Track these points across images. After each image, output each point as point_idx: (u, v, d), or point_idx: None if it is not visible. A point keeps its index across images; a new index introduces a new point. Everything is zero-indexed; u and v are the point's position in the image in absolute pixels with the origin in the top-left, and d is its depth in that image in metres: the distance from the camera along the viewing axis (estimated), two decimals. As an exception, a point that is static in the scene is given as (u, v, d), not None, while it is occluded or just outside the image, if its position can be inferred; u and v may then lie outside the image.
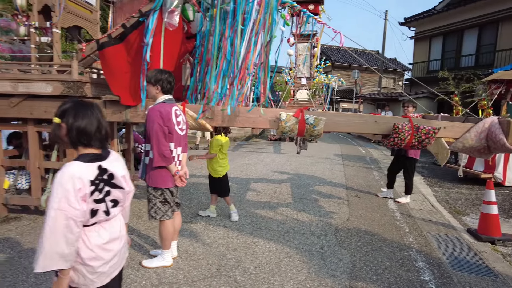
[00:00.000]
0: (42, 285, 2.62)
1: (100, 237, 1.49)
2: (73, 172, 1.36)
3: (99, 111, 1.49)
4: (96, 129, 1.45)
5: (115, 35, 3.47)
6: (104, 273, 1.52)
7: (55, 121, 1.43)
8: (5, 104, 3.67)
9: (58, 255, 1.32)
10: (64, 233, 1.32)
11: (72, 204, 1.33)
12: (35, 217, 4.03)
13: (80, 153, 1.46)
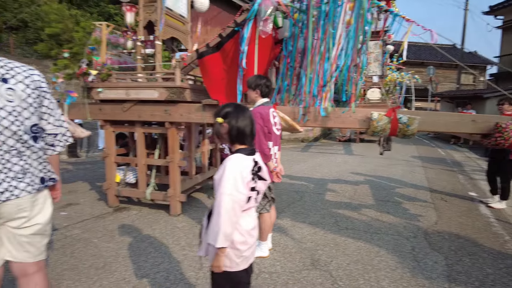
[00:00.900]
0: (161, 265, 3.00)
1: (248, 223, 1.71)
2: (240, 162, 1.61)
3: (251, 114, 1.73)
4: (250, 130, 1.69)
5: (212, 45, 3.82)
6: (247, 258, 1.73)
7: (219, 121, 1.68)
8: (119, 108, 4.23)
9: (224, 234, 1.54)
10: (230, 215, 1.55)
11: (240, 189, 1.56)
12: (141, 208, 4.57)
13: (237, 148, 1.70)
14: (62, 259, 3.10)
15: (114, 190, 4.51)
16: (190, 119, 4.01)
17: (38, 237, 1.77)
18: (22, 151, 1.63)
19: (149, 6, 4.47)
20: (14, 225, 1.67)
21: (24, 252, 1.73)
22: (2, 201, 1.56)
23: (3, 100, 1.55)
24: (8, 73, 1.59)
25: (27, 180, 1.64)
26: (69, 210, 4.45)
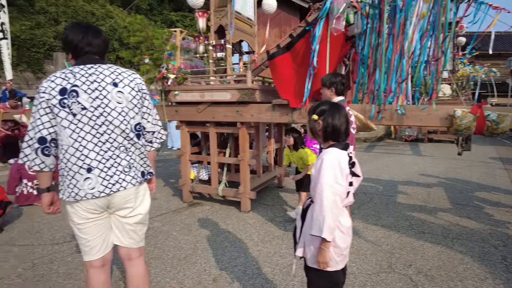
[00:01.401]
0: (237, 259, 3.13)
1: (346, 220, 1.73)
2: (338, 154, 1.64)
3: (346, 113, 1.75)
4: (345, 128, 1.71)
5: (283, 45, 3.88)
6: (345, 257, 1.73)
7: (314, 118, 1.73)
8: (194, 110, 4.48)
9: (328, 226, 1.57)
10: (332, 207, 1.57)
11: (339, 180, 1.59)
12: (212, 203, 4.79)
13: (328, 145, 1.73)
14: (147, 249, 3.38)
15: (188, 187, 4.79)
16: (260, 119, 4.11)
17: (140, 226, 1.96)
18: (128, 147, 1.82)
19: (219, 11, 4.68)
20: (122, 214, 1.87)
21: (129, 239, 1.94)
22: (113, 192, 1.75)
23: (114, 102, 1.74)
24: (117, 78, 1.79)
25: (132, 173, 1.82)
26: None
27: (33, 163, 1.70)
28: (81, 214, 1.76)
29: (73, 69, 1.73)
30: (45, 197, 1.81)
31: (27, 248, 3.42)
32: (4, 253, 3.29)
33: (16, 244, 3.52)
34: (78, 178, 1.69)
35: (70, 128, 1.66)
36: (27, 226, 4.02)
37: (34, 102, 1.71)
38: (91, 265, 1.86)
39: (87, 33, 1.78)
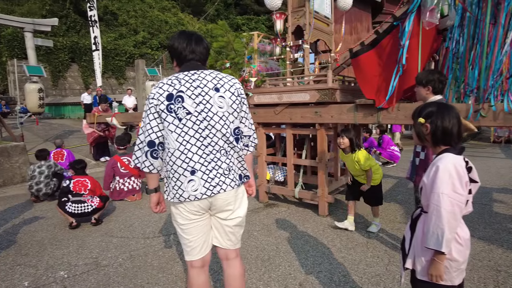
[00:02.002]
0: (321, 265, 3.05)
1: (466, 231, 1.57)
2: (455, 160, 1.50)
3: (458, 113, 1.58)
4: (458, 130, 1.55)
5: (367, 42, 3.70)
6: (462, 271, 1.57)
7: (420, 121, 1.61)
8: (271, 112, 4.50)
9: (446, 239, 1.44)
10: (449, 219, 1.44)
11: (458, 189, 1.45)
12: (288, 205, 4.77)
13: (440, 150, 1.59)
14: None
15: (264, 187, 4.83)
16: (341, 120, 3.97)
17: (238, 228, 1.99)
18: (228, 150, 1.85)
19: (297, 11, 4.63)
20: (222, 217, 1.91)
21: (228, 240, 1.97)
22: (214, 194, 1.79)
23: (216, 107, 1.78)
24: (218, 83, 1.83)
25: (231, 176, 1.85)
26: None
27: (143, 165, 1.80)
28: (185, 215, 1.83)
29: (178, 75, 1.81)
30: (153, 197, 1.92)
31: (123, 240, 3.74)
32: (106, 243, 3.64)
33: (113, 235, 3.87)
34: (183, 180, 1.76)
35: (176, 132, 1.74)
36: (121, 220, 4.40)
37: (144, 108, 1.82)
38: (192, 265, 1.93)
39: (190, 40, 1.85)
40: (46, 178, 5.28)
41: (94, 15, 12.90)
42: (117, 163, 5.23)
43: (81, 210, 4.04)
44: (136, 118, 7.40)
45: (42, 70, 9.38)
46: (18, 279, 2.92)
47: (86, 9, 25.73)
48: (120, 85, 22.46)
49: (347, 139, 3.73)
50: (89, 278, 2.90)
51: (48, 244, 3.67)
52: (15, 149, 6.93)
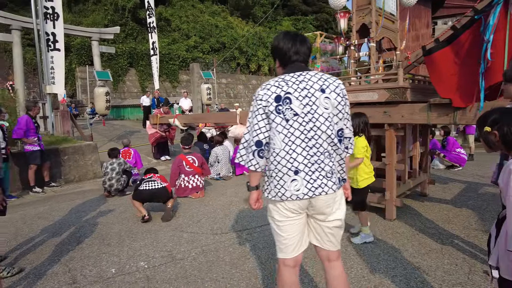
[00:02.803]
0: (395, 269, 2.95)
1: None
2: None
3: None
4: None
5: (443, 39, 3.51)
6: None
7: (487, 130, 1.62)
8: (335, 112, 4.44)
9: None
10: None
11: None
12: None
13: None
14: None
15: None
16: (413, 120, 3.81)
17: (337, 230, 1.97)
18: (331, 153, 1.85)
19: (362, 9, 4.54)
20: (321, 218, 1.91)
21: (328, 242, 1.96)
22: (315, 195, 1.80)
23: (322, 108, 1.79)
24: (324, 84, 1.83)
25: (333, 179, 1.84)
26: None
27: (250, 164, 1.85)
28: (283, 212, 1.86)
29: (285, 77, 1.84)
30: (253, 193, 1.97)
31: (193, 235, 3.91)
32: (177, 238, 3.83)
33: (184, 230, 4.06)
34: (286, 179, 1.79)
35: (283, 133, 1.77)
36: (188, 216, 4.61)
37: (251, 108, 1.89)
38: (285, 264, 1.94)
39: (295, 41, 1.88)
40: (117, 174, 5.69)
41: (153, 21, 13.64)
42: (182, 162, 5.48)
43: (152, 186, 4.47)
44: (196, 119, 7.70)
45: (109, 75, 10.10)
46: (106, 266, 3.18)
47: (143, 17, 27.28)
48: (174, 88, 23.50)
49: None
50: (167, 270, 3.07)
51: (125, 236, 3.95)
52: (88, 148, 7.55)
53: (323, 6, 39.97)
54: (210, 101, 12.39)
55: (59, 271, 3.12)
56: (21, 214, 5.03)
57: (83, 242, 3.80)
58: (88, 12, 27.24)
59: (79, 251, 3.54)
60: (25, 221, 4.66)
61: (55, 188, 6.69)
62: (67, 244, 3.75)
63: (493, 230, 1.73)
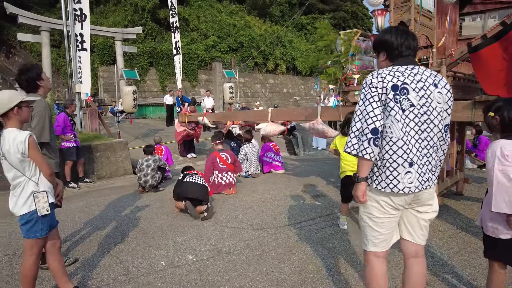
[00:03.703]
0: (444, 266, 2.94)
1: None
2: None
3: None
4: None
5: (491, 35, 3.47)
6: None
7: (490, 114, 2.06)
8: (372, 109, 4.43)
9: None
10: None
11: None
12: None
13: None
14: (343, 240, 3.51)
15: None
16: (456, 118, 3.77)
17: (429, 223, 2.01)
18: (438, 147, 1.89)
19: (400, 7, 4.50)
20: (422, 210, 1.95)
21: (421, 235, 2.00)
22: (424, 189, 1.83)
23: (435, 102, 1.82)
24: (435, 79, 1.87)
25: (436, 173, 1.90)
26: (321, 201, 5.01)
27: (364, 152, 1.79)
28: (385, 209, 1.89)
29: (398, 68, 1.84)
30: (363, 185, 1.90)
31: (234, 230, 3.97)
32: (220, 232, 3.90)
33: (224, 225, 4.13)
34: (400, 170, 1.79)
35: (401, 122, 1.78)
36: (225, 211, 4.67)
37: (360, 96, 1.88)
38: (377, 255, 1.98)
39: (408, 36, 1.91)
40: (152, 171, 5.82)
41: (176, 21, 13.80)
42: (216, 159, 5.56)
43: (195, 180, 4.58)
44: (226, 117, 7.78)
45: (136, 74, 10.31)
46: (155, 259, 3.27)
47: (162, 17, 27.63)
48: (193, 87, 23.74)
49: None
50: (217, 263, 3.14)
51: (167, 230, 4.04)
52: (119, 145, 7.74)
53: (340, 4, 39.65)
54: (232, 100, 12.48)
55: (111, 262, 3.23)
56: (62, 207, 5.19)
57: (127, 235, 3.91)
58: (109, 13, 27.77)
59: (126, 244, 3.65)
60: (67, 214, 4.82)
61: (89, 184, 6.88)
62: (113, 237, 3.86)
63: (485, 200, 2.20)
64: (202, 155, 9.60)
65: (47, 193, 2.37)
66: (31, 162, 2.30)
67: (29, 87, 2.99)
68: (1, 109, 2.23)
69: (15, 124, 2.30)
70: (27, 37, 13.47)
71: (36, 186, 2.34)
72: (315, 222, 4.14)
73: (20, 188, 2.31)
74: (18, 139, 2.21)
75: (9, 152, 2.24)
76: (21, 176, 2.30)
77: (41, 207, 2.32)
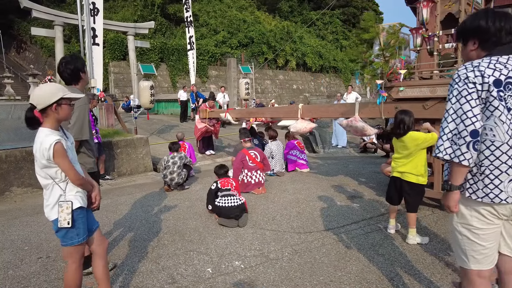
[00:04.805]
0: None
1: None
2: None
3: None
4: None
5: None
6: None
7: None
8: (418, 107, 4.18)
9: None
10: None
11: None
12: (432, 209, 4.40)
13: None
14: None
15: None
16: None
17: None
18: None
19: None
20: None
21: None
22: None
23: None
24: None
25: None
26: (359, 202, 4.78)
27: (462, 158, 1.59)
28: (488, 219, 1.65)
29: (499, 59, 1.60)
30: (455, 194, 1.69)
31: (275, 233, 3.76)
32: (261, 235, 3.69)
33: (263, 228, 3.91)
34: (503, 178, 1.58)
35: (507, 123, 1.56)
36: (260, 212, 4.46)
37: (452, 93, 1.65)
38: (480, 275, 1.72)
39: (507, 20, 1.64)
40: (179, 168, 5.62)
41: (190, 15, 13.58)
42: (245, 157, 5.35)
43: (231, 202, 4.06)
44: (251, 114, 7.56)
45: (154, 69, 10.11)
46: (199, 265, 3.07)
47: (171, 12, 27.39)
48: (203, 83, 23.52)
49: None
50: (267, 271, 2.92)
51: (204, 232, 3.84)
52: (140, 141, 7.55)
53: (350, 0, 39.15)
54: (248, 96, 12.25)
55: (152, 268, 3.03)
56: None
57: (163, 238, 3.71)
58: (118, 8, 27.60)
59: (164, 248, 3.45)
60: (95, 213, 4.64)
61: (110, 181, 6.70)
62: (148, 240, 3.67)
63: None
64: (220, 152, 9.40)
65: (72, 204, 2.13)
66: (58, 168, 2.09)
67: (72, 78, 2.79)
68: (40, 104, 2.02)
69: (51, 123, 2.09)
70: (41, 31, 13.31)
71: (63, 193, 2.13)
72: (360, 226, 3.91)
73: (48, 191, 2.14)
74: (43, 145, 2.01)
75: (36, 156, 2.07)
76: (48, 179, 2.12)
77: (63, 218, 2.11)
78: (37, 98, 2.02)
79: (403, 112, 3.52)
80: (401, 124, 3.43)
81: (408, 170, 3.49)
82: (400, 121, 3.44)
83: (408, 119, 3.45)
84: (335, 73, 32.93)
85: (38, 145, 2.04)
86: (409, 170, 3.48)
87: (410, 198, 3.50)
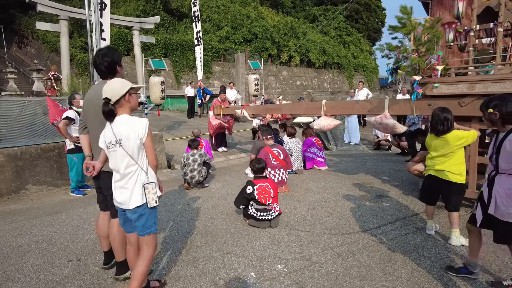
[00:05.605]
0: None
1: None
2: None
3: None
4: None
5: None
6: None
7: (490, 111, 2.31)
8: (453, 104, 4.04)
9: None
10: None
11: None
12: (465, 209, 4.29)
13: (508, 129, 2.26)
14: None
15: None
16: None
17: None
18: None
19: (486, -10, 4.10)
20: None
21: None
22: None
23: None
24: None
25: None
26: (388, 201, 4.65)
27: None
28: None
29: None
30: None
31: (310, 234, 3.63)
32: (296, 237, 3.56)
33: (296, 229, 3.78)
34: None
35: None
36: (288, 212, 4.33)
37: None
38: None
39: None
40: (199, 166, 5.48)
41: (197, 10, 13.36)
42: (268, 155, 5.21)
43: (266, 217, 3.80)
44: (268, 110, 7.41)
45: (164, 64, 9.93)
46: (241, 269, 2.94)
47: (174, 8, 27.09)
48: (207, 79, 23.30)
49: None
50: (314, 275, 2.80)
51: (236, 233, 3.71)
52: (154, 138, 7.38)
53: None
54: (258, 92, 12.08)
55: (192, 273, 2.90)
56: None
57: (195, 239, 3.58)
58: (120, 3, 27.25)
59: (198, 250, 3.32)
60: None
61: (125, 179, 6.55)
62: (178, 242, 3.54)
63: (485, 189, 2.45)
64: (232, 149, 9.26)
65: (155, 184, 2.31)
66: (143, 151, 2.25)
67: (108, 71, 2.66)
68: (115, 96, 2.20)
69: (127, 111, 2.27)
70: (45, 26, 13.03)
71: (146, 176, 2.27)
72: (397, 226, 3.79)
73: (133, 179, 2.23)
74: (138, 125, 2.19)
75: (129, 138, 2.16)
76: (134, 165, 2.22)
77: (151, 198, 2.26)
78: (111, 92, 2.19)
79: (444, 110, 3.39)
80: (445, 121, 3.30)
81: (446, 168, 3.37)
82: (444, 118, 3.31)
83: (451, 117, 3.33)
84: (339, 69, 32.73)
85: (131, 126, 2.17)
86: (448, 169, 3.36)
87: (451, 197, 3.38)
